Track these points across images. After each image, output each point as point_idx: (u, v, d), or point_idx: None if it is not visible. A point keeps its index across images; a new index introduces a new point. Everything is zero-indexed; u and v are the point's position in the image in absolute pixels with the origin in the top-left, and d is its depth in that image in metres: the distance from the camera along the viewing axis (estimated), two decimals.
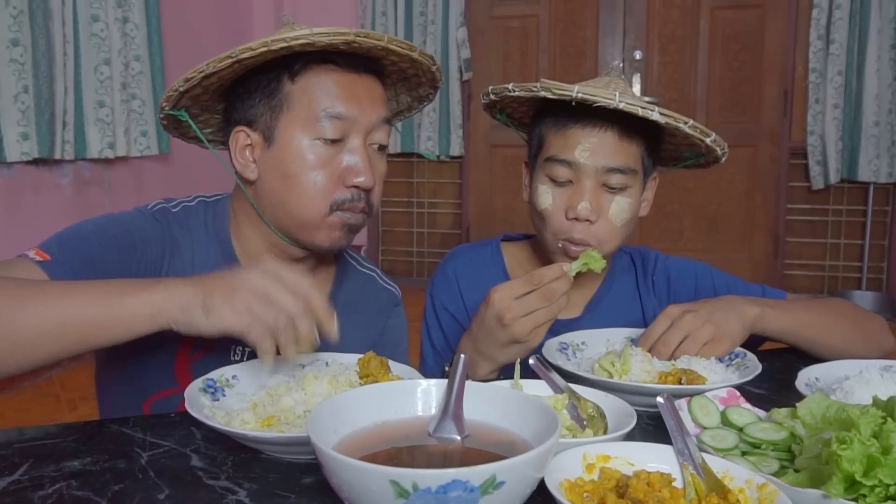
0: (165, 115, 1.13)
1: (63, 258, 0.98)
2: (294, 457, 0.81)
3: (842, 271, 4.60)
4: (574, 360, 1.16)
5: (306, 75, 1.06)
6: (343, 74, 1.07)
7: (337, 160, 1.07)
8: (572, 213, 1.19)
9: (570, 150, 1.19)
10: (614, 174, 1.19)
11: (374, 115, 1.08)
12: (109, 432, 0.88)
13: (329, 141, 1.05)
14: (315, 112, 1.05)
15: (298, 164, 1.05)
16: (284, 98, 1.06)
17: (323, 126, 1.05)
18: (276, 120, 1.07)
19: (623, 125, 1.17)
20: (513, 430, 0.72)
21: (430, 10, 4.72)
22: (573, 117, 1.18)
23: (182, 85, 1.05)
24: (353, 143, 1.07)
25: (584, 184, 1.19)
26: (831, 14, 4.28)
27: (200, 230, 1.15)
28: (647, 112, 1.08)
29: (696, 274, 1.37)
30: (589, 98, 1.09)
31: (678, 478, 0.72)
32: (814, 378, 1.03)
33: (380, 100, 1.11)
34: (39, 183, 3.22)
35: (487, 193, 5.01)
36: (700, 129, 1.13)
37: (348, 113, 1.06)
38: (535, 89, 1.13)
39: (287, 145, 1.06)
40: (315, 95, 1.06)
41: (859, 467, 0.67)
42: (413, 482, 0.55)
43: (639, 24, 4.68)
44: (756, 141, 4.62)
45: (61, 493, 0.72)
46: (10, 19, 2.89)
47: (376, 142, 1.10)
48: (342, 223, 1.08)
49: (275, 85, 1.07)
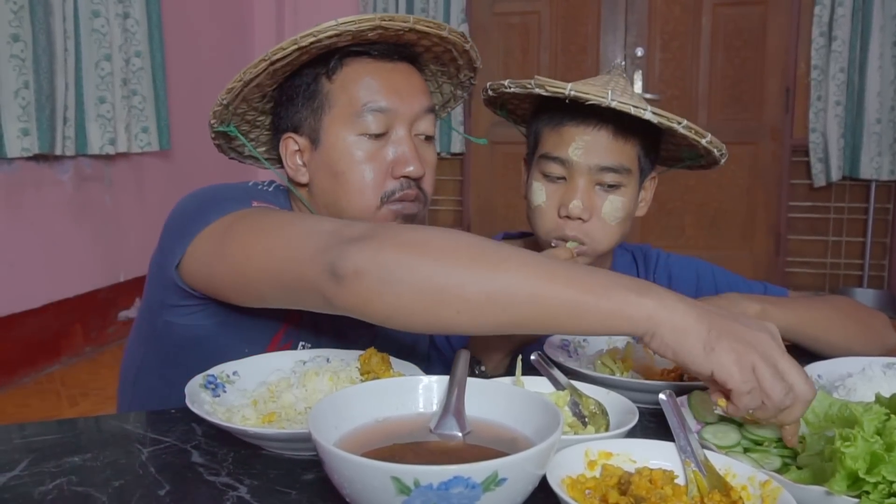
0: (216, 132, 1.12)
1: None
2: (295, 453, 0.81)
3: (843, 269, 4.60)
4: (575, 356, 1.16)
5: (343, 72, 1.06)
6: (379, 65, 1.06)
7: (384, 153, 1.06)
8: (564, 210, 1.19)
9: (564, 148, 1.19)
10: (608, 173, 1.18)
11: (417, 105, 1.08)
12: (110, 428, 0.88)
13: (373, 135, 1.05)
14: (356, 108, 1.05)
15: (346, 161, 1.05)
16: (325, 98, 1.06)
17: (365, 121, 1.05)
18: (320, 121, 1.07)
19: (618, 124, 1.17)
20: (514, 427, 0.72)
21: (431, 7, 4.71)
22: (568, 115, 1.18)
23: (225, 97, 1.04)
24: (397, 135, 1.07)
25: (576, 182, 1.18)
26: (833, 11, 4.27)
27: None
28: (640, 111, 1.07)
29: (697, 272, 1.37)
30: (581, 96, 1.08)
31: (680, 475, 0.71)
32: (816, 375, 1.03)
33: (419, 89, 1.10)
34: (40, 179, 3.22)
35: (488, 190, 5.01)
36: (695, 130, 1.12)
37: (389, 105, 1.05)
38: (529, 86, 1.13)
39: (333, 144, 1.06)
40: (354, 91, 1.05)
41: (862, 464, 0.67)
42: (415, 478, 0.55)
43: (640, 20, 4.67)
44: (758, 138, 4.61)
45: (62, 488, 0.72)
46: (11, 14, 2.89)
47: (421, 132, 1.10)
48: (395, 214, 1.07)
49: (314, 86, 1.07)
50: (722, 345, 0.74)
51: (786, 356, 0.75)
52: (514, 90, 1.17)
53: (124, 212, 3.64)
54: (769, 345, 0.75)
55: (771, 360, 0.74)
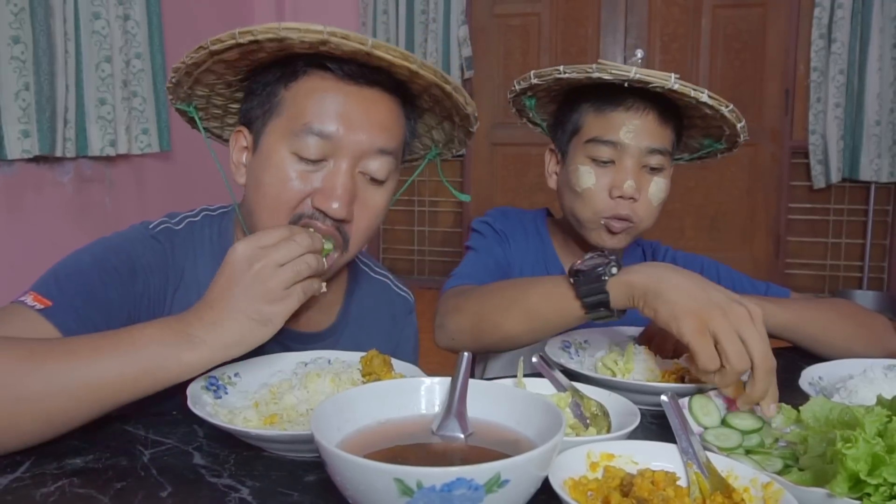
0: (177, 109, 1.08)
1: (64, 301, 0.90)
2: (297, 455, 0.81)
3: (843, 271, 4.60)
4: (577, 358, 1.16)
5: (299, 82, 0.97)
6: (339, 86, 0.96)
7: (312, 178, 0.96)
8: (617, 191, 1.23)
9: (615, 132, 1.23)
10: (655, 155, 1.24)
11: (367, 141, 0.96)
12: (111, 430, 0.87)
13: (308, 160, 0.95)
14: (299, 124, 0.95)
15: (270, 174, 0.97)
16: (277, 104, 0.98)
17: (304, 141, 0.95)
18: (265, 125, 0.99)
19: (661, 108, 1.22)
20: (517, 429, 0.72)
21: (431, 9, 4.71)
22: (615, 100, 1.23)
23: (173, 76, 0.99)
24: (335, 166, 0.96)
25: (626, 164, 1.23)
26: (833, 13, 4.28)
27: (206, 247, 1.08)
28: (699, 94, 1.13)
29: (702, 268, 1.38)
30: (646, 79, 1.12)
31: (682, 477, 0.71)
32: (817, 377, 1.03)
33: (379, 124, 0.97)
34: (40, 180, 3.21)
35: (489, 192, 5.01)
36: (736, 114, 1.18)
37: (333, 134, 0.95)
38: (590, 70, 1.16)
39: (267, 154, 0.98)
40: (303, 106, 0.96)
41: (864, 466, 0.67)
42: (417, 480, 0.55)
43: (640, 22, 4.68)
44: (757, 140, 4.61)
45: (63, 490, 0.72)
46: (11, 16, 2.89)
47: (369, 172, 0.98)
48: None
49: (272, 88, 0.99)
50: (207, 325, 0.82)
51: (262, 247, 0.81)
52: (571, 75, 1.19)
53: (125, 213, 3.64)
54: (238, 267, 0.82)
55: (254, 271, 0.81)
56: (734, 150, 1.32)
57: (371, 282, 1.25)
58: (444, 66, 4.76)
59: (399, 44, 4.77)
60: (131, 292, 0.97)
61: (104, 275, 0.96)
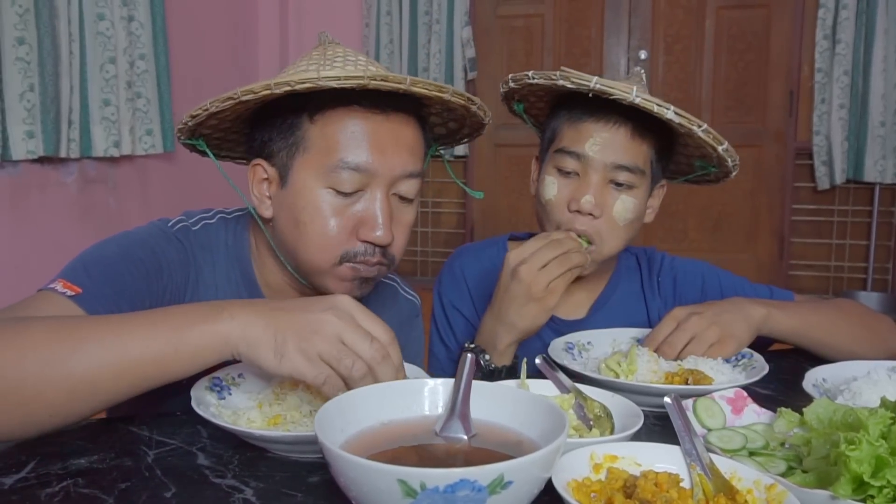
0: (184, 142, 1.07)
1: (95, 289, 0.91)
2: (300, 455, 0.81)
3: (847, 272, 4.59)
4: (580, 359, 1.16)
5: (326, 115, 0.97)
6: (366, 117, 0.96)
7: (352, 210, 0.98)
8: (575, 205, 1.19)
9: (581, 143, 1.19)
10: (622, 171, 1.19)
11: (399, 167, 0.98)
12: (115, 430, 0.88)
13: (345, 193, 0.97)
14: (332, 160, 0.96)
15: (310, 213, 0.97)
16: (302, 136, 0.98)
17: (339, 176, 0.96)
18: (292, 160, 0.98)
19: (636, 124, 1.17)
20: (520, 430, 0.72)
21: (434, 10, 4.71)
22: (588, 111, 1.19)
23: (189, 120, 0.99)
24: (372, 195, 0.98)
25: (590, 177, 1.19)
26: (837, 14, 4.27)
27: (221, 252, 1.09)
28: (662, 110, 1.08)
29: (703, 275, 1.37)
30: (606, 90, 1.08)
31: (686, 478, 0.71)
32: (821, 379, 1.03)
33: (408, 148, 0.99)
34: (45, 181, 3.22)
35: (492, 193, 5.00)
36: (713, 136, 1.12)
37: (368, 165, 0.96)
38: (554, 77, 1.13)
39: (300, 190, 0.98)
40: (333, 140, 0.96)
41: (867, 468, 0.67)
42: (421, 481, 0.55)
43: (644, 24, 4.67)
44: (761, 141, 4.60)
45: (68, 491, 0.72)
46: (16, 17, 2.90)
47: (402, 193, 1.01)
48: (353, 275, 1.00)
49: (293, 121, 0.98)
50: (288, 348, 0.77)
51: (352, 325, 0.79)
52: (537, 81, 1.17)
53: (129, 214, 3.65)
54: (332, 323, 0.78)
55: (336, 339, 0.78)
56: (730, 176, 1.25)
57: (379, 285, 1.25)
58: (448, 67, 4.76)
59: (402, 45, 4.78)
60: (156, 286, 0.99)
61: (131, 266, 0.97)
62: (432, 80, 0.95)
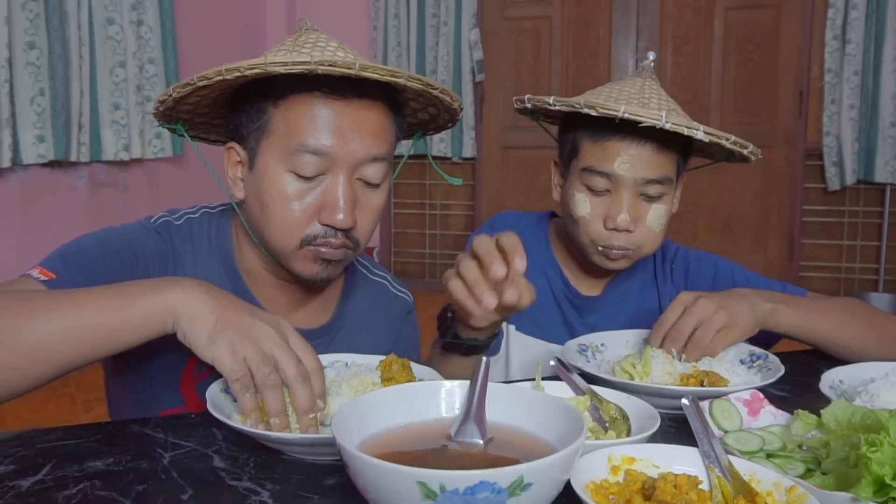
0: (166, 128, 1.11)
1: (68, 275, 0.95)
2: (316, 458, 0.81)
3: (858, 273, 4.57)
4: (593, 361, 1.16)
5: (289, 100, 0.98)
6: (327, 102, 0.97)
7: (313, 194, 0.99)
8: (611, 223, 1.20)
9: (609, 162, 1.19)
10: (652, 185, 1.20)
11: (361, 151, 0.99)
12: (131, 433, 0.88)
13: (305, 177, 0.98)
14: (292, 144, 0.97)
15: (272, 195, 0.99)
16: (267, 122, 1.00)
17: (299, 160, 0.97)
18: (258, 143, 1.01)
19: (660, 137, 1.17)
20: (537, 433, 0.72)
21: (442, 12, 4.72)
22: (612, 129, 1.18)
23: (159, 105, 1.02)
24: (333, 179, 0.99)
25: (622, 195, 1.20)
26: (847, 14, 4.25)
27: (203, 243, 1.11)
28: (693, 132, 1.09)
29: (716, 266, 1.37)
30: (635, 118, 1.08)
31: (705, 480, 0.71)
32: (838, 380, 1.02)
33: (371, 132, 1.00)
34: (55, 185, 3.24)
35: (500, 195, 5.01)
36: (740, 143, 1.14)
37: (327, 149, 0.97)
38: (578, 106, 1.12)
39: (264, 173, 1.00)
40: (294, 124, 0.97)
41: (889, 470, 0.66)
42: (440, 483, 0.55)
43: (652, 25, 4.67)
44: (771, 142, 4.59)
45: (85, 493, 0.72)
46: (27, 22, 2.92)
47: (366, 178, 1.01)
48: (314, 255, 1.01)
49: (260, 105, 1.00)
50: (222, 336, 0.81)
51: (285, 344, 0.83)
52: (561, 108, 1.16)
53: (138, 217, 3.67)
54: (269, 335, 0.83)
55: (265, 349, 0.81)
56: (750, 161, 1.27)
57: (368, 283, 1.26)
58: (456, 69, 4.76)
59: (410, 48, 4.78)
60: (131, 276, 1.01)
61: (107, 256, 1.01)
62: (433, 80, 0.97)
